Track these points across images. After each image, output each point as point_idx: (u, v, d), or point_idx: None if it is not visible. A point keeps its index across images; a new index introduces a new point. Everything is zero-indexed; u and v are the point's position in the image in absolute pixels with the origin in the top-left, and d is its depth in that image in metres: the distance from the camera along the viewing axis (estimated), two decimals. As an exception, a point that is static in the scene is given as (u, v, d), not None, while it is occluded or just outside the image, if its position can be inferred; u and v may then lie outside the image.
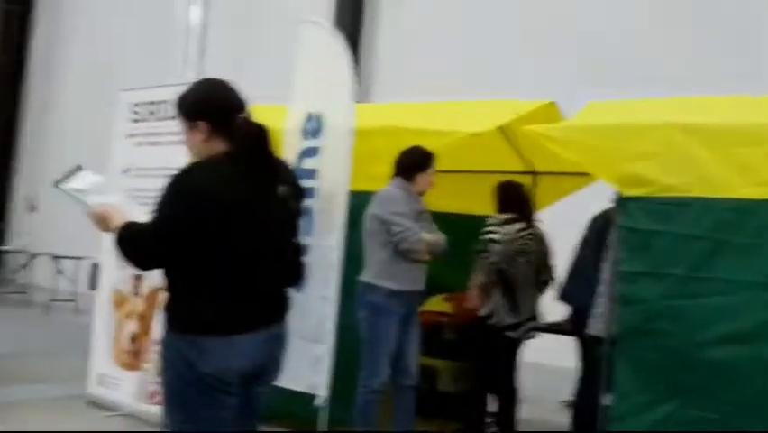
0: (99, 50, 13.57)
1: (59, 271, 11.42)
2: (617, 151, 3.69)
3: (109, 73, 12.44)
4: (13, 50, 14.73)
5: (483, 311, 4.70)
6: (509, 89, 6.52)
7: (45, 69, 14.63)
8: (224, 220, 2.35)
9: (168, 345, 2.41)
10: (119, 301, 5.24)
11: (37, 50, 14.85)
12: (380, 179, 4.38)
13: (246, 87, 2.60)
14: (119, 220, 2.41)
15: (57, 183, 2.58)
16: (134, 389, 5.05)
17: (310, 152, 4.38)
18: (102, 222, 2.45)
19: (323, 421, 4.20)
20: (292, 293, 2.64)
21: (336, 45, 4.48)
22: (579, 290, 4.50)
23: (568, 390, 4.99)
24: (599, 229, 4.40)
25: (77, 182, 2.59)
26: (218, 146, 2.47)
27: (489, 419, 4.94)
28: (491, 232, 4.65)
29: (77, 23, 14.27)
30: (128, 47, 12.96)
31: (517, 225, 4.69)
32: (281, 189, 2.54)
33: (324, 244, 4.19)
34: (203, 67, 11.27)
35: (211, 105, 2.51)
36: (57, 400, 5.59)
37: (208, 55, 11.72)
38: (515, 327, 4.69)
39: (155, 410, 4.75)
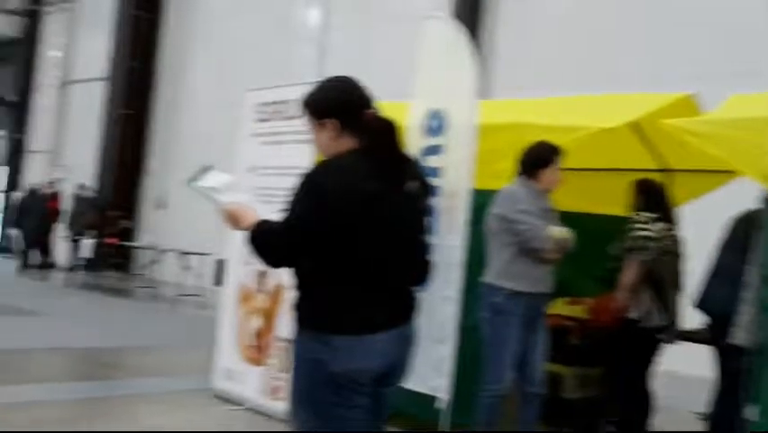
0: (224, 52, 14.03)
1: (186, 267, 11.86)
2: (766, 146, 3.42)
3: (233, 74, 12.85)
4: (143, 53, 15.44)
5: (633, 313, 4.48)
6: (637, 84, 6.26)
7: (173, 72, 15.27)
8: (356, 218, 2.33)
9: (298, 344, 2.40)
10: (244, 297, 5.35)
11: (165, 53, 15.51)
12: (504, 176, 4.26)
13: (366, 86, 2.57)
14: (251, 218, 2.43)
15: (189, 182, 2.62)
16: (258, 384, 5.13)
17: (433, 150, 4.31)
18: (233, 220, 2.47)
19: (444, 424, 4.12)
20: (418, 292, 2.60)
21: (459, 40, 4.40)
22: (719, 296, 4.21)
23: (701, 400, 4.71)
24: (744, 231, 4.11)
25: (208, 181, 2.63)
26: (347, 143, 2.45)
27: (618, 428, 4.73)
28: (643, 229, 4.41)
29: (203, 26, 14.81)
30: (251, 49, 13.34)
31: (662, 225, 4.46)
32: (410, 186, 2.50)
33: (446, 243, 4.11)
34: (323, 66, 11.43)
35: (339, 103, 2.49)
36: (183, 392, 5.76)
37: (329, 55, 11.88)
38: (663, 329, 4.45)
39: (279, 406, 4.82)
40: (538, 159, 4.19)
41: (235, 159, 5.57)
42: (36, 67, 18.35)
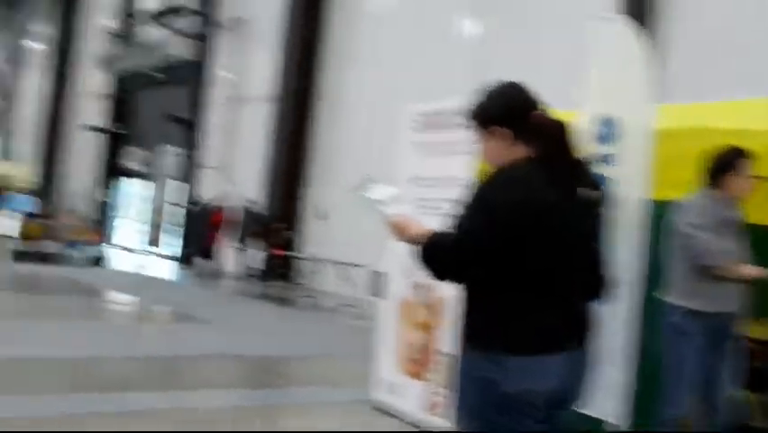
0: (384, 65, 14.21)
1: (344, 278, 12.07)
2: None
3: (393, 87, 12.97)
4: (307, 70, 15.92)
5: None
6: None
7: (335, 87, 15.65)
8: (528, 230, 2.18)
9: (468, 362, 2.29)
10: (404, 310, 5.29)
11: (328, 69, 15.93)
12: (685, 186, 3.95)
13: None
14: (418, 230, 2.35)
15: (354, 193, 2.60)
16: (418, 398, 5.06)
17: (605, 159, 4.06)
18: (400, 231, 2.40)
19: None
20: (595, 309, 2.42)
21: (632, 41, 4.13)
22: None
23: None
24: None
25: (373, 192, 2.59)
26: (519, 151, 2.32)
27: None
28: None
29: (363, 41, 15.09)
30: (410, 61, 13.43)
31: None
32: (586, 193, 2.33)
33: (621, 257, 3.85)
34: (482, 77, 11.28)
35: (507, 109, 2.37)
36: (341, 403, 5.79)
37: (487, 66, 11.72)
38: None
39: (438, 422, 4.72)
40: (723, 164, 3.86)
41: (395, 170, 5.55)
42: (208, 87, 19.43)
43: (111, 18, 24.66)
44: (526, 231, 2.18)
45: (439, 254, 2.26)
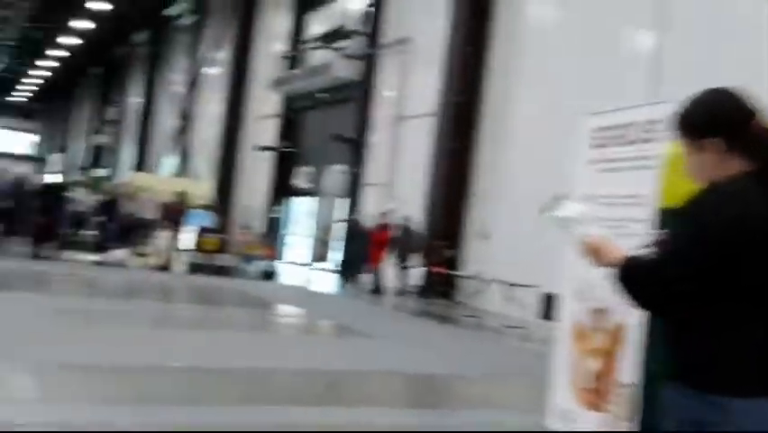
0: (550, 78, 13.87)
1: (509, 298, 11.79)
2: None
3: (560, 101, 12.61)
4: (471, 87, 15.84)
5: None
6: None
7: (499, 103, 15.45)
8: (755, 255, 1.93)
9: (670, 400, 2.05)
10: (579, 335, 5.01)
11: (491, 85, 15.76)
12: None
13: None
14: (616, 252, 2.13)
15: (543, 212, 2.41)
16: (596, 430, 4.75)
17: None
18: (595, 253, 2.19)
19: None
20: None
21: None
22: None
23: None
24: None
25: (563, 210, 2.39)
26: (735, 165, 2.06)
27: None
28: None
29: (529, 55, 14.80)
30: (579, 74, 13.01)
31: None
32: None
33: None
34: (657, 89, 10.69)
35: (724, 118, 2.11)
36: (511, 429, 5.57)
37: (664, 76, 11.11)
38: None
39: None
40: None
41: (569, 187, 5.29)
42: (372, 106, 19.80)
43: (282, 43, 25.79)
44: (742, 248, 1.94)
45: (640, 277, 2.04)
